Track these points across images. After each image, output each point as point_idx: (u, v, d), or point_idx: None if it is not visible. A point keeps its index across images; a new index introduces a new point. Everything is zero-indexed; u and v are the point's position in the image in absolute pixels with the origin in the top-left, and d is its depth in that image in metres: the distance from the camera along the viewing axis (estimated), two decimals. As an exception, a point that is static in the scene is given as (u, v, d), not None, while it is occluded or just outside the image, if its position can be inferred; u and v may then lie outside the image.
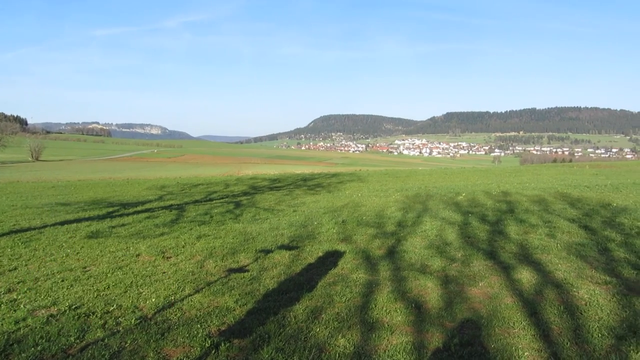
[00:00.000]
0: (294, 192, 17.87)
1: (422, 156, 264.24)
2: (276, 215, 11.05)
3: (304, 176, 28.65)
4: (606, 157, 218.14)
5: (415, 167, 72.37)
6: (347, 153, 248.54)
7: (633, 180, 18.61)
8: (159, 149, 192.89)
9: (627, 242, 6.79)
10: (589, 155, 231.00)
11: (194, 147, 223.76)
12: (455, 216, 9.60)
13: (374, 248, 7.07)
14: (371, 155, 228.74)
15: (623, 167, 36.41)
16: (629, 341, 3.64)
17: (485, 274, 5.53)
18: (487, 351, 3.60)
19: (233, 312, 4.57)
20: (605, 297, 4.62)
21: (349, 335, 3.97)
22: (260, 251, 7.09)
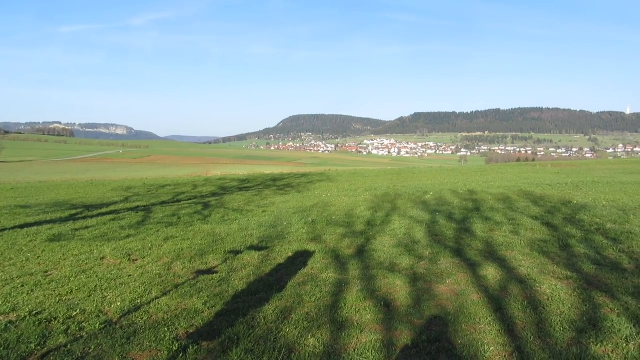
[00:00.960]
0: (264, 192, 17.78)
1: (391, 156, 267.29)
2: (245, 215, 10.96)
3: (273, 176, 28.55)
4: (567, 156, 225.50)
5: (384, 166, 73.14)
6: (317, 153, 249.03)
7: (592, 179, 19.31)
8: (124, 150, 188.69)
9: (587, 238, 7.03)
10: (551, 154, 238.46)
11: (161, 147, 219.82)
12: (423, 215, 9.74)
13: (344, 247, 7.10)
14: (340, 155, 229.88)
15: (583, 166, 37.76)
16: (589, 334, 3.77)
17: (452, 271, 5.63)
18: (454, 347, 3.66)
19: (201, 314, 4.51)
20: (566, 291, 4.77)
21: (319, 334, 3.97)
22: (229, 252, 7.02)
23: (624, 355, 3.42)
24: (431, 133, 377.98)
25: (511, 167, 40.62)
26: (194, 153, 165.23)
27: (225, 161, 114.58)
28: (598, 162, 45.34)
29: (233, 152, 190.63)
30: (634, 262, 5.71)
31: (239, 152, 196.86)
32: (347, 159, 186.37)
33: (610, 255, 6.04)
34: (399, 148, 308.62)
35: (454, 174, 30.38)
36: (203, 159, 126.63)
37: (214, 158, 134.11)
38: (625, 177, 20.43)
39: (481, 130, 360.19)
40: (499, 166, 45.06)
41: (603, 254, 6.11)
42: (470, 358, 3.50)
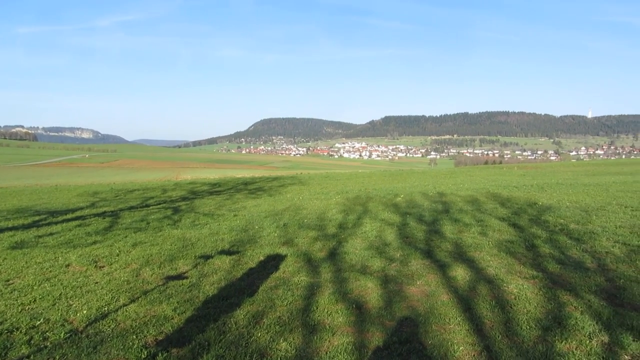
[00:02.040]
0: (235, 196, 17.62)
1: (362, 159, 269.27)
2: (216, 220, 10.84)
3: (244, 180, 28.34)
4: (532, 158, 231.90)
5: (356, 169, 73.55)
6: (288, 156, 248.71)
7: (556, 180, 19.90)
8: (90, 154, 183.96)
9: (552, 238, 7.24)
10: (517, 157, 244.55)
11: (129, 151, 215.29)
12: (394, 217, 9.83)
13: (316, 250, 7.10)
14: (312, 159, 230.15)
15: (547, 168, 38.91)
16: (554, 331, 3.88)
17: (422, 273, 5.70)
18: (424, 347, 3.71)
19: (171, 320, 4.42)
20: (532, 290, 4.90)
21: (291, 338, 3.95)
22: (199, 257, 6.92)
23: (588, 351, 3.52)
24: (402, 136, 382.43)
25: (479, 169, 41.51)
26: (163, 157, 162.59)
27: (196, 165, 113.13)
28: (562, 165, 46.82)
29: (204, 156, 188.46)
30: (596, 261, 5.91)
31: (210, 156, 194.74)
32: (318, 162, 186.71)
33: (573, 255, 6.22)
34: (370, 151, 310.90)
35: (424, 176, 30.83)
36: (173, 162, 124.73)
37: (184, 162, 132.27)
38: (587, 179, 21.13)
39: (450, 134, 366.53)
40: (467, 169, 45.96)
41: (567, 254, 6.29)
42: (440, 358, 3.55)
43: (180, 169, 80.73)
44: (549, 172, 31.67)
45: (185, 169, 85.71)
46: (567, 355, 3.48)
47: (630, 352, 3.49)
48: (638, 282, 5.01)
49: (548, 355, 3.48)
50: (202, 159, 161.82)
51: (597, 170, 32.88)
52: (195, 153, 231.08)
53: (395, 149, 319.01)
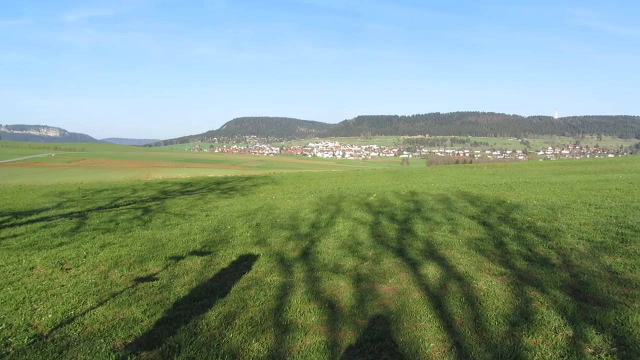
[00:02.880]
0: (207, 196, 17.43)
1: (335, 158, 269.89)
2: (188, 220, 10.70)
3: (217, 180, 28.05)
4: (501, 158, 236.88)
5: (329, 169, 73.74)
6: (262, 156, 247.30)
7: (524, 179, 20.38)
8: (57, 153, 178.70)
9: (519, 235, 7.41)
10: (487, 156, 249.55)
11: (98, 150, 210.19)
12: (366, 216, 9.90)
13: (288, 250, 7.09)
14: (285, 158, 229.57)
15: (516, 167, 39.83)
16: (521, 327, 3.97)
17: (394, 271, 5.75)
18: (396, 345, 3.74)
19: (141, 323, 4.34)
20: (501, 287, 5.00)
21: (263, 339, 3.94)
22: (170, 258, 6.81)
23: (553, 345, 3.62)
24: (374, 136, 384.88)
25: (450, 168, 42.21)
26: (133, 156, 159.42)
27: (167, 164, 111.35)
28: (529, 164, 47.98)
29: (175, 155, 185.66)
30: (561, 257, 6.07)
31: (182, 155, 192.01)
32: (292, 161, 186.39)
33: (540, 252, 6.38)
34: (344, 151, 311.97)
35: (396, 175, 31.13)
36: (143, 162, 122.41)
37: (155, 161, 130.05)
38: (554, 178, 21.72)
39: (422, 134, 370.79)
40: (438, 168, 46.66)
41: (534, 251, 6.45)
42: (411, 355, 3.59)
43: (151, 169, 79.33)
44: (518, 171, 32.44)
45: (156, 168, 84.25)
46: (534, 349, 3.57)
47: (593, 345, 3.60)
48: (601, 277, 5.17)
49: (515, 350, 3.56)
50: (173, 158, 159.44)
51: (563, 169, 33.86)
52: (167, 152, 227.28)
53: (368, 148, 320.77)
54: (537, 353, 3.51)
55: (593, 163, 42.86)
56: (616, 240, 6.73)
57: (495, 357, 3.48)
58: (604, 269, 5.48)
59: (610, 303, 4.39)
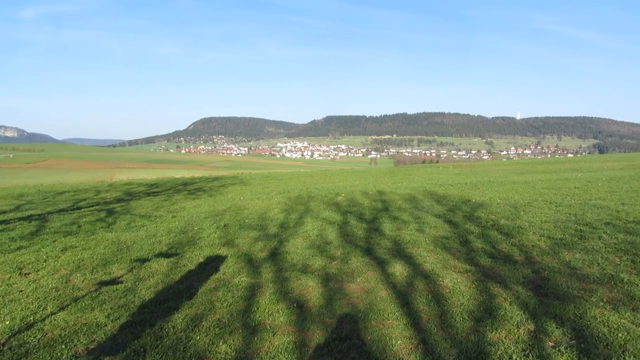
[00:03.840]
0: (174, 197, 17.14)
1: (304, 159, 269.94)
2: (154, 222, 10.49)
3: (184, 180, 27.62)
4: (467, 158, 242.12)
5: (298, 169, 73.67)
6: (230, 156, 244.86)
7: (488, 179, 20.89)
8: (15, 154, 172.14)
9: (484, 233, 7.59)
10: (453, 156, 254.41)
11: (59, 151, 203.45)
12: (335, 216, 9.94)
13: (257, 251, 7.04)
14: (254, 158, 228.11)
15: (480, 167, 40.79)
16: (485, 322, 4.07)
17: (362, 270, 5.80)
18: (364, 343, 3.77)
19: (104, 327, 4.23)
20: (466, 284, 5.11)
21: (231, 340, 3.90)
22: (135, 260, 6.67)
23: (516, 339, 3.72)
24: (343, 136, 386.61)
25: (417, 168, 42.86)
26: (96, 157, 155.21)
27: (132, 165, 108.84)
28: (493, 164, 49.24)
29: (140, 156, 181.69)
30: (523, 254, 6.25)
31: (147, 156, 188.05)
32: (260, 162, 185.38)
33: (503, 249, 6.56)
34: (312, 151, 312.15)
35: (364, 175, 31.38)
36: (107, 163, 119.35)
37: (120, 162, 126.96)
38: (516, 177, 22.33)
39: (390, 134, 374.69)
40: (406, 168, 47.30)
41: (497, 248, 6.62)
42: (379, 353, 3.62)
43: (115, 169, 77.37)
44: (482, 170, 33.24)
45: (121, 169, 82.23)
46: (497, 344, 3.66)
47: (553, 338, 3.72)
48: (561, 273, 5.35)
49: (480, 345, 3.64)
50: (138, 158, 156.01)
51: (525, 168, 34.88)
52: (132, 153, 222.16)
53: (336, 148, 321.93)
54: (501, 348, 3.60)
55: (553, 163, 44.33)
56: (575, 237, 6.97)
57: (460, 353, 3.55)
58: (564, 264, 5.67)
59: (570, 298, 4.55)
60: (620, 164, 33.52)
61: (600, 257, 5.85)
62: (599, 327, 3.84)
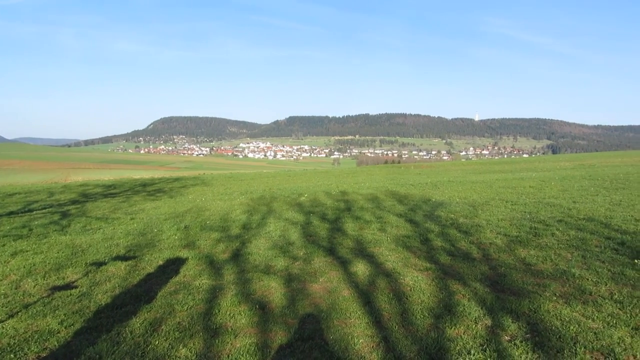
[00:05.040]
0: (132, 198, 16.68)
1: (267, 159, 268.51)
2: (111, 224, 10.17)
3: (143, 181, 26.93)
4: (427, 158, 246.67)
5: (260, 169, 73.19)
6: (191, 157, 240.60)
7: (448, 178, 21.36)
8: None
9: (443, 232, 7.75)
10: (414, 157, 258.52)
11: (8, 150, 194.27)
12: (298, 216, 9.92)
13: (219, 252, 6.94)
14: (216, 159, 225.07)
15: (440, 167, 41.68)
16: (445, 319, 4.15)
17: (325, 270, 5.81)
18: (326, 343, 3.78)
19: (57, 334, 4.06)
20: (426, 282, 5.21)
21: (191, 344, 3.82)
22: (91, 264, 6.44)
23: (474, 335, 3.82)
24: (306, 136, 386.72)
25: (379, 168, 43.37)
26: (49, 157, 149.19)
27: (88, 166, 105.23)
28: (453, 164, 50.44)
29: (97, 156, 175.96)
30: (481, 251, 6.43)
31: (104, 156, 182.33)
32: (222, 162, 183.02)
33: (462, 247, 6.72)
34: (275, 151, 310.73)
35: (327, 176, 31.50)
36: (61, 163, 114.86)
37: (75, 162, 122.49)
38: (475, 177, 22.93)
39: (352, 134, 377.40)
40: (368, 168, 47.79)
41: (457, 246, 6.78)
42: (341, 352, 3.64)
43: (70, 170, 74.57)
44: (442, 170, 33.97)
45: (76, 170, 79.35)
46: (456, 339, 3.74)
47: (509, 332, 3.84)
48: (516, 269, 5.53)
49: (439, 341, 3.72)
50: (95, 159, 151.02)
51: (483, 168, 35.88)
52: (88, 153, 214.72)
53: (299, 149, 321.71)
54: (459, 343, 3.68)
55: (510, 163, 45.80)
56: (530, 234, 7.22)
57: (420, 350, 3.61)
58: (519, 261, 5.86)
59: (525, 293, 4.70)
60: (572, 164, 34.99)
61: (553, 254, 6.08)
62: (552, 321, 3.99)
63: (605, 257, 5.78)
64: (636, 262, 5.48)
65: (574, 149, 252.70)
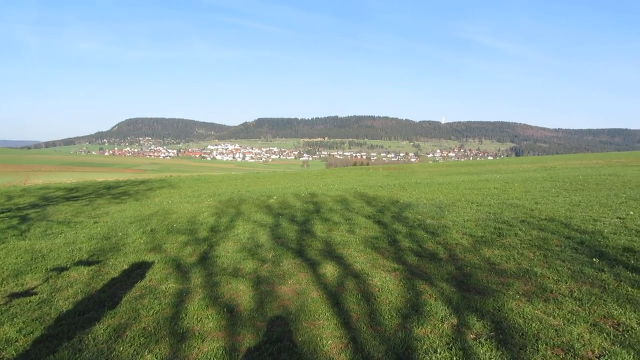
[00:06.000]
0: (96, 201, 16.26)
1: (236, 161, 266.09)
2: (73, 228, 9.87)
3: (107, 184, 26.28)
4: (395, 160, 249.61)
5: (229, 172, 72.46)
6: (157, 159, 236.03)
7: (416, 180, 21.69)
8: None
9: (411, 233, 7.85)
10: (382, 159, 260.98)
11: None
12: (267, 218, 9.87)
13: (186, 256, 6.83)
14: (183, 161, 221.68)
15: (408, 169, 42.27)
16: (412, 318, 4.21)
17: (294, 272, 5.80)
18: (295, 345, 3.77)
19: (15, 343, 3.91)
20: (394, 282, 5.26)
21: (157, 349, 3.75)
22: (52, 270, 6.23)
23: (440, 334, 3.88)
24: (275, 138, 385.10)
25: (348, 170, 43.64)
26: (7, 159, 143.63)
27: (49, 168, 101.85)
28: (420, 166, 51.24)
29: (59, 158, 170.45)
30: (448, 252, 6.54)
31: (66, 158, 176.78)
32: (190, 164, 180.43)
33: (429, 247, 6.82)
34: (244, 153, 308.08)
35: (296, 178, 31.49)
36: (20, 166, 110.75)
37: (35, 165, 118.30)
38: (441, 178, 23.35)
39: (321, 136, 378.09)
40: (337, 170, 48.00)
41: (424, 247, 6.88)
42: (309, 354, 3.63)
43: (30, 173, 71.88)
44: (410, 172, 34.48)
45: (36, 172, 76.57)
46: (423, 339, 3.79)
47: (475, 331, 3.92)
48: (481, 268, 5.66)
49: (407, 341, 3.76)
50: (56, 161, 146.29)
51: (449, 170, 36.59)
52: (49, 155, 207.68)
53: (269, 151, 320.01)
54: (426, 342, 3.73)
55: (475, 165, 46.84)
56: (494, 235, 7.40)
57: (388, 350, 3.64)
58: (484, 261, 6.00)
59: (489, 292, 4.82)
60: (534, 166, 36.10)
61: (517, 253, 6.25)
62: (516, 319, 4.09)
63: (565, 256, 5.97)
64: (594, 261, 5.69)
65: (536, 152, 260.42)
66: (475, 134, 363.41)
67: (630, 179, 16.53)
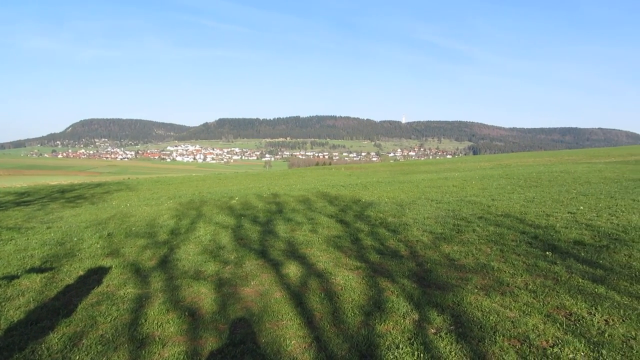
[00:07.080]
0: (49, 206, 15.65)
1: (197, 162, 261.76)
2: (24, 234, 9.46)
3: (61, 187, 25.34)
4: (357, 160, 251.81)
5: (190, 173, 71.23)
6: (114, 161, 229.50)
7: (377, 179, 21.96)
8: None
9: (373, 231, 7.94)
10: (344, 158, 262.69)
11: None
12: (229, 220, 9.76)
13: (145, 259, 6.67)
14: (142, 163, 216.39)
15: (370, 168, 42.74)
16: (374, 315, 4.25)
17: (257, 273, 5.76)
18: (258, 346, 3.74)
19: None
20: (357, 280, 5.31)
21: (115, 357, 3.64)
22: (2, 278, 5.94)
23: (402, 329, 3.94)
24: (236, 139, 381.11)
25: (311, 170, 43.72)
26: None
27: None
28: (382, 165, 51.90)
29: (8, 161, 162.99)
30: (409, 249, 6.66)
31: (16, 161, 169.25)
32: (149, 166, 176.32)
33: (391, 245, 6.92)
34: (205, 154, 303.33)
35: (259, 178, 31.28)
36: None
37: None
38: (402, 177, 23.74)
39: (283, 136, 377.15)
40: (300, 170, 48.00)
41: (385, 244, 6.97)
42: (273, 354, 3.61)
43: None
44: (371, 171, 34.88)
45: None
46: (385, 335, 3.84)
47: (435, 325, 4.00)
48: (441, 264, 5.79)
49: (369, 338, 3.80)
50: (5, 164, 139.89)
51: (410, 169, 37.25)
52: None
53: (230, 151, 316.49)
54: (389, 338, 3.78)
55: (435, 163, 47.88)
56: (453, 231, 7.59)
57: (351, 347, 3.67)
58: (444, 257, 6.14)
59: (449, 287, 4.93)
60: (491, 164, 37.23)
61: (475, 249, 6.43)
62: (474, 312, 4.21)
63: (520, 251, 6.19)
64: (548, 254, 5.92)
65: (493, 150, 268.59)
66: (435, 134, 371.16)
67: (580, 176, 17.31)
